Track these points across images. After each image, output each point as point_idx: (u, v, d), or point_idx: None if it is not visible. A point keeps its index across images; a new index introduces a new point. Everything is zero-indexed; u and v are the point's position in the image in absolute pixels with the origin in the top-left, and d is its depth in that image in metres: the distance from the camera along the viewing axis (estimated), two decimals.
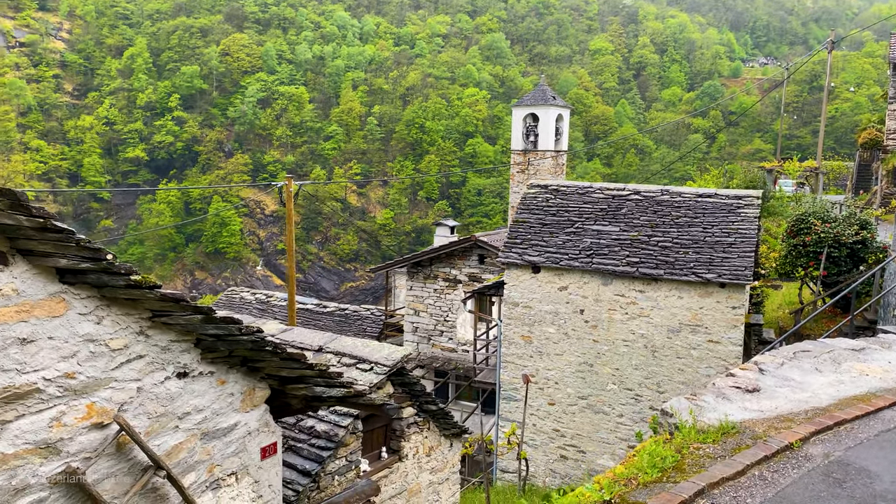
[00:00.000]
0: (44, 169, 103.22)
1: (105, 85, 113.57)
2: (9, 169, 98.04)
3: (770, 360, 6.29)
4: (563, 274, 14.50)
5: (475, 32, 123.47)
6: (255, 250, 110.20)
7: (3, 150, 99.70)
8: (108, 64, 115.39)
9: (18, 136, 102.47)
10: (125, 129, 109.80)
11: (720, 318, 13.37)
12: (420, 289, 20.44)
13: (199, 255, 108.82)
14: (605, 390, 14.39)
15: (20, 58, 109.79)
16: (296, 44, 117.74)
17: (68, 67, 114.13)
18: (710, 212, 14.34)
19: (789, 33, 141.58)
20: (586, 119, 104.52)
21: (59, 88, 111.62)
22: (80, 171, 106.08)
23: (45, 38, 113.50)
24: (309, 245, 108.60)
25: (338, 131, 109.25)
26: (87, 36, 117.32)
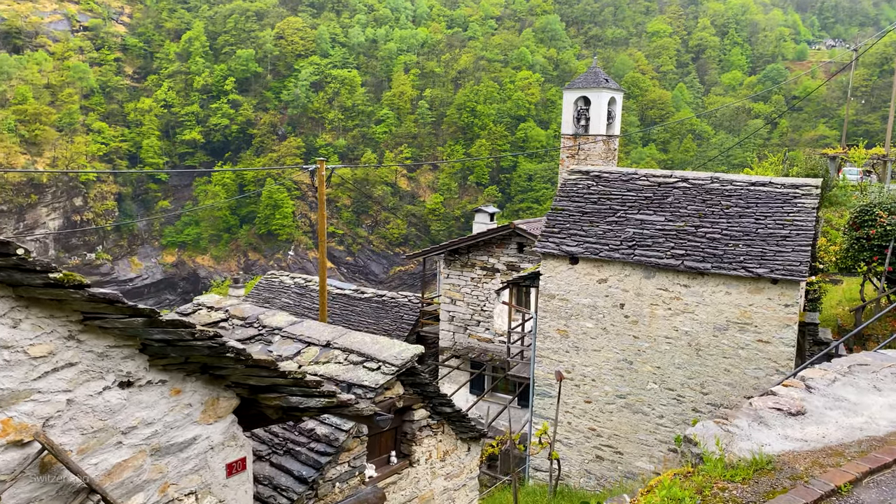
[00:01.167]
0: (105, 150, 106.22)
1: (164, 68, 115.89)
2: (72, 150, 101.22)
3: (819, 374, 5.48)
4: (603, 266, 13.70)
5: (529, 14, 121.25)
6: (306, 233, 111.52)
7: (66, 132, 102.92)
8: (167, 47, 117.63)
9: (81, 117, 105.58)
10: (182, 111, 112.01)
11: (771, 316, 12.40)
12: (457, 277, 19.86)
13: (253, 236, 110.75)
14: (644, 389, 13.59)
15: (84, 41, 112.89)
16: (349, 27, 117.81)
17: (129, 51, 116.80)
18: (763, 201, 13.30)
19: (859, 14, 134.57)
20: (642, 103, 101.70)
21: (119, 71, 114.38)
22: (140, 153, 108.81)
23: (107, 22, 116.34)
24: (359, 228, 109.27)
25: (389, 115, 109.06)
26: (147, 20, 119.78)
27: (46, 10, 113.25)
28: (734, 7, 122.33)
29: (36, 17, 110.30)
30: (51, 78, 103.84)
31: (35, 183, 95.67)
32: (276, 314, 7.97)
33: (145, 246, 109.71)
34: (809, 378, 5.42)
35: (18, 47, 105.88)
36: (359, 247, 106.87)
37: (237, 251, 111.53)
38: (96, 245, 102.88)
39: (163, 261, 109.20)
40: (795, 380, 5.38)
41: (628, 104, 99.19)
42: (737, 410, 4.64)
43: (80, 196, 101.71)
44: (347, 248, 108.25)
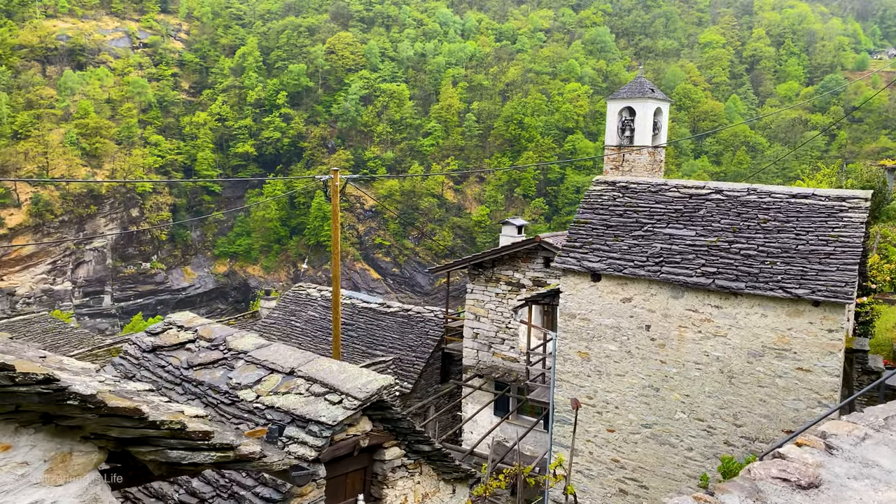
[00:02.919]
0: (161, 162, 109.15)
1: (218, 83, 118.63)
2: (129, 162, 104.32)
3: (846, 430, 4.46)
4: (628, 283, 12.69)
5: (578, 26, 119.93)
6: (353, 244, 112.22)
7: (125, 145, 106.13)
8: (222, 63, 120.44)
9: (139, 131, 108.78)
10: (235, 125, 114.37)
11: (812, 342, 11.19)
12: (481, 292, 19.02)
13: (302, 247, 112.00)
14: (672, 419, 12.48)
15: (143, 58, 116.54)
16: (398, 41, 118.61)
17: (185, 66, 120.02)
18: (805, 215, 12.10)
19: None
20: (694, 115, 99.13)
21: (176, 86, 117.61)
22: (194, 165, 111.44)
23: (165, 38, 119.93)
24: (405, 240, 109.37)
25: (436, 128, 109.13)
26: (203, 36, 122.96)
27: (108, 28, 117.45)
28: (791, 17, 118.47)
29: (99, 34, 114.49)
30: (111, 93, 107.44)
31: (94, 194, 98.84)
32: (245, 336, 7.34)
33: (198, 256, 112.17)
34: (832, 434, 4.39)
35: (82, 64, 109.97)
36: (405, 258, 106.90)
37: (287, 262, 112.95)
38: (151, 255, 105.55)
39: (215, 270, 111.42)
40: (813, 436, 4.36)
41: (679, 116, 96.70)
42: (729, 483, 3.68)
43: (137, 207, 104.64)
44: (394, 259, 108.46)
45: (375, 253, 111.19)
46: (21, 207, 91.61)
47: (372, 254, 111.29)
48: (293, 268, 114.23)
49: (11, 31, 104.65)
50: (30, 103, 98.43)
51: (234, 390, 6.50)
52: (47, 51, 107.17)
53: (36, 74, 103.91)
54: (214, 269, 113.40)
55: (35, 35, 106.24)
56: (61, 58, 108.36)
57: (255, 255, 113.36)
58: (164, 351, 7.31)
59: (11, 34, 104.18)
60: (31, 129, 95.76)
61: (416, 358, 21.11)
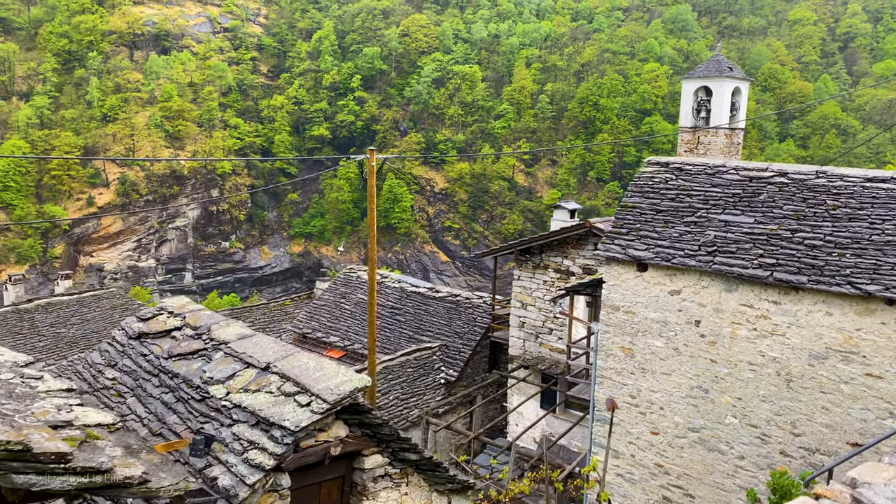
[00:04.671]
0: (240, 145, 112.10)
1: (295, 66, 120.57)
2: (210, 144, 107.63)
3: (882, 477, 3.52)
4: (676, 274, 11.61)
5: (659, 4, 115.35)
6: (423, 226, 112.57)
7: (206, 127, 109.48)
8: (299, 47, 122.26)
9: (220, 114, 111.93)
10: (311, 108, 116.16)
11: (885, 345, 9.88)
12: (528, 279, 18.13)
13: None
14: (722, 424, 11.38)
15: (223, 42, 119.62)
16: (472, 22, 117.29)
17: (264, 50, 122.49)
18: (882, 202, 10.70)
19: None
20: (780, 96, 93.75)
21: (255, 70, 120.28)
22: (272, 148, 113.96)
23: (245, 23, 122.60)
24: (475, 223, 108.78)
25: (508, 110, 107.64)
26: (281, 20, 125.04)
27: (192, 14, 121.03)
28: None
29: (182, 20, 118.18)
30: (193, 77, 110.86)
31: (177, 175, 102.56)
32: (230, 325, 6.85)
33: (275, 236, 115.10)
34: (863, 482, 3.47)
35: (166, 49, 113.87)
36: (474, 242, 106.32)
37: (358, 243, 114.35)
38: (230, 234, 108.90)
39: (290, 251, 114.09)
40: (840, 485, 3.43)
41: (765, 97, 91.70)
42: None
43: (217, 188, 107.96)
44: (463, 242, 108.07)
45: (445, 236, 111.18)
46: (109, 187, 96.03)
47: (441, 236, 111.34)
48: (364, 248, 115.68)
49: (102, 17, 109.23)
50: (118, 87, 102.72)
51: (206, 385, 6.03)
52: (134, 36, 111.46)
53: (124, 59, 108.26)
54: (290, 249, 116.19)
55: (123, 21, 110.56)
56: (147, 43, 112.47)
57: (328, 235, 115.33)
58: (150, 338, 6.93)
59: (102, 21, 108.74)
60: (118, 112, 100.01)
61: (463, 345, 20.48)
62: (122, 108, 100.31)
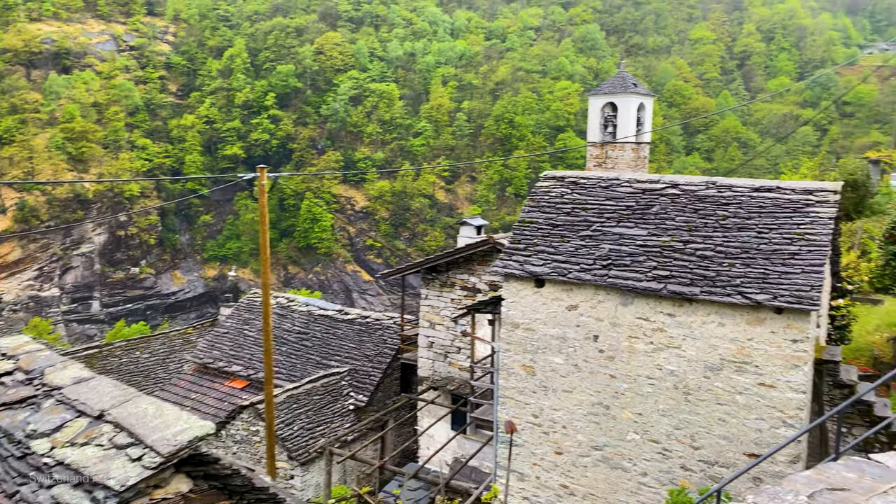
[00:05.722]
0: (149, 166, 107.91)
1: (206, 85, 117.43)
2: (116, 166, 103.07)
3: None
4: (573, 289, 11.40)
5: (569, 24, 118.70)
6: (344, 246, 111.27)
7: (112, 149, 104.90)
8: (210, 65, 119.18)
9: (126, 134, 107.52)
10: (224, 127, 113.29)
11: (776, 353, 9.91)
12: (436, 298, 17.73)
13: (293, 250, 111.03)
14: (624, 440, 11.19)
15: (129, 60, 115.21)
16: (387, 41, 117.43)
17: (173, 69, 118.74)
18: (768, 211, 10.82)
19: None
20: (684, 111, 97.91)
21: (164, 89, 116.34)
22: (182, 168, 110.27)
23: (152, 41, 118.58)
24: (397, 241, 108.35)
25: (427, 127, 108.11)
26: (191, 38, 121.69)
27: (94, 31, 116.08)
28: (781, 12, 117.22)
29: (84, 37, 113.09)
30: (97, 97, 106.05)
31: (81, 199, 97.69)
32: (67, 367, 6.07)
33: (188, 260, 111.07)
34: None
35: (67, 67, 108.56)
36: (396, 260, 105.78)
37: (277, 265, 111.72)
38: (140, 259, 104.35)
39: (205, 275, 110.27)
40: None
41: (671, 112, 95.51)
42: None
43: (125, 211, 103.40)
44: (386, 260, 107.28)
45: (367, 254, 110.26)
46: (6, 213, 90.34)
47: (363, 255, 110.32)
48: (283, 270, 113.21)
49: None
50: (14, 108, 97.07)
51: (29, 439, 5.23)
52: (32, 54, 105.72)
53: (20, 79, 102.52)
54: (204, 274, 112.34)
55: (19, 39, 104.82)
56: (46, 61, 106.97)
57: (244, 258, 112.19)
58: None
59: None
60: (15, 133, 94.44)
61: (373, 368, 19.84)
62: (19, 130, 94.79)
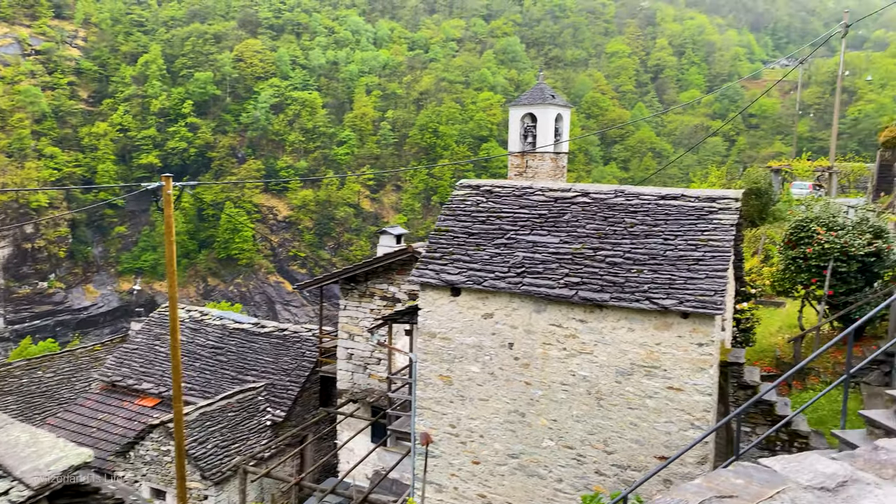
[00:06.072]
0: (58, 175, 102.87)
1: (119, 92, 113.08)
2: (22, 175, 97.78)
3: None
4: (489, 297, 11.41)
5: (490, 36, 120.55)
6: (266, 256, 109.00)
7: (17, 157, 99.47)
8: (123, 71, 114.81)
9: (32, 142, 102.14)
10: (139, 135, 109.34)
11: (683, 357, 10.17)
12: (355, 308, 17.47)
13: (212, 261, 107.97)
14: (540, 447, 11.25)
15: (35, 65, 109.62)
16: (309, 49, 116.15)
17: (83, 75, 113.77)
18: (673, 218, 11.14)
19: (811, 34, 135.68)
20: (602, 122, 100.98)
21: (73, 95, 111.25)
22: (95, 178, 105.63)
23: (60, 45, 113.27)
24: (321, 251, 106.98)
25: (351, 136, 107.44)
26: (103, 43, 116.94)
27: None
28: (691, 28, 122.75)
29: None
30: (1, 103, 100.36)
31: None
32: None
33: (101, 273, 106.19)
34: None
35: None
36: (321, 270, 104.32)
37: (196, 277, 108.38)
38: (49, 273, 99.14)
39: (119, 288, 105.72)
40: None
41: (589, 124, 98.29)
42: None
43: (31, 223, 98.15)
44: (310, 270, 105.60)
45: (290, 265, 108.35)
46: None
47: (287, 266, 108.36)
48: (203, 283, 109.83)
49: None
50: None
51: None
52: None
53: None
54: (119, 287, 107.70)
55: None
56: None
57: (161, 270, 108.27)
58: None
59: None
60: None
61: (291, 382, 19.34)
62: None
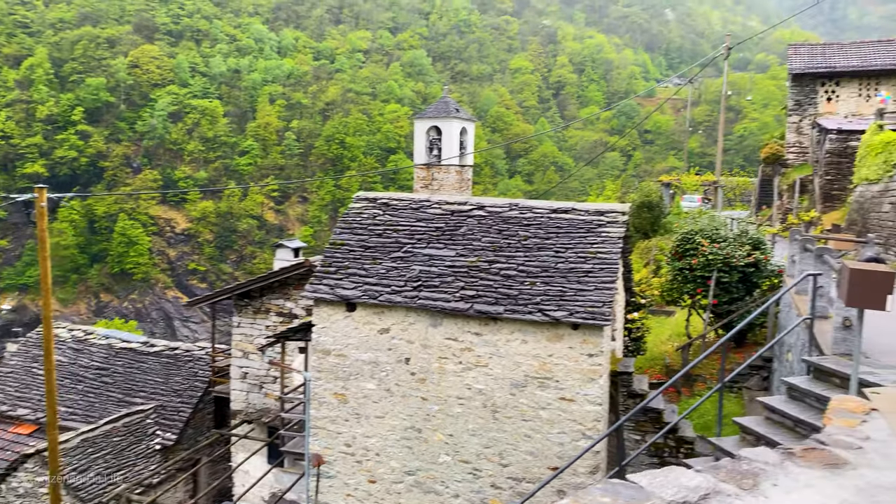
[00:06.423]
0: None
1: (1, 96, 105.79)
2: None
3: None
4: (385, 312, 11.24)
5: (397, 49, 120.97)
6: (164, 270, 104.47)
7: None
8: (5, 74, 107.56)
9: None
10: (23, 143, 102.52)
11: (574, 368, 10.34)
12: (249, 325, 16.91)
13: (105, 276, 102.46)
14: (436, 463, 11.14)
15: None
16: (210, 56, 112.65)
17: None
18: (564, 231, 11.36)
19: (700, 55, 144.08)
20: (507, 136, 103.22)
21: None
22: None
23: None
24: (223, 264, 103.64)
25: (254, 146, 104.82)
26: None
27: None
28: (590, 46, 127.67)
29: None
30: None
31: None
32: None
33: None
34: None
35: None
36: (222, 284, 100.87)
37: (87, 293, 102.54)
38: None
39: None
40: None
41: (494, 137, 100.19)
42: None
43: None
44: (211, 285, 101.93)
45: (189, 279, 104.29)
46: None
47: (185, 280, 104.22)
48: (95, 299, 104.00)
49: None
50: None
51: None
52: None
53: None
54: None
55: None
56: None
57: None
58: None
59: None
60: None
61: (182, 404, 18.46)
62: None
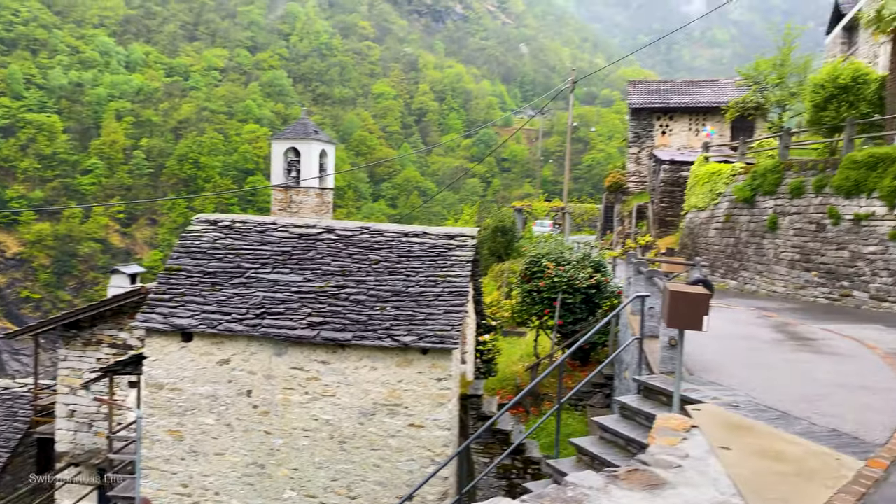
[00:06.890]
0: None
1: None
2: None
3: None
4: (224, 342, 10.57)
5: (255, 68, 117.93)
6: None
7: None
8: None
9: None
10: None
11: (423, 393, 10.19)
12: (78, 359, 15.43)
13: None
14: (280, 500, 10.55)
15: None
16: (48, 68, 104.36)
17: None
18: (416, 255, 11.26)
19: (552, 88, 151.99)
20: (370, 160, 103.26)
21: None
22: None
23: None
24: (61, 291, 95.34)
25: (98, 165, 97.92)
26: None
27: None
28: (450, 76, 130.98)
29: None
30: None
31: None
32: None
33: None
34: None
35: None
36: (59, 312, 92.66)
37: None
38: None
39: None
40: None
41: (358, 160, 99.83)
42: None
43: None
44: (45, 314, 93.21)
45: (22, 309, 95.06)
46: None
47: (17, 310, 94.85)
48: None
49: None
50: None
51: None
52: None
53: None
54: None
55: None
56: None
57: None
58: None
59: None
60: None
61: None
62: None
